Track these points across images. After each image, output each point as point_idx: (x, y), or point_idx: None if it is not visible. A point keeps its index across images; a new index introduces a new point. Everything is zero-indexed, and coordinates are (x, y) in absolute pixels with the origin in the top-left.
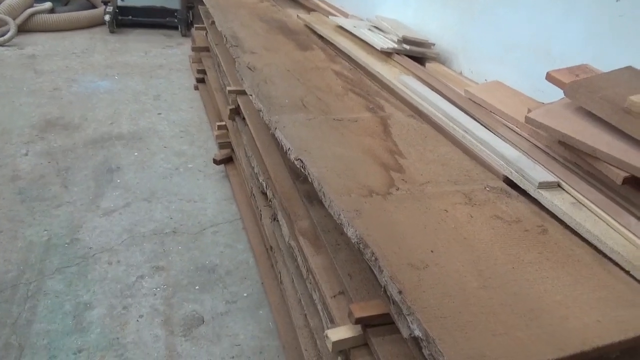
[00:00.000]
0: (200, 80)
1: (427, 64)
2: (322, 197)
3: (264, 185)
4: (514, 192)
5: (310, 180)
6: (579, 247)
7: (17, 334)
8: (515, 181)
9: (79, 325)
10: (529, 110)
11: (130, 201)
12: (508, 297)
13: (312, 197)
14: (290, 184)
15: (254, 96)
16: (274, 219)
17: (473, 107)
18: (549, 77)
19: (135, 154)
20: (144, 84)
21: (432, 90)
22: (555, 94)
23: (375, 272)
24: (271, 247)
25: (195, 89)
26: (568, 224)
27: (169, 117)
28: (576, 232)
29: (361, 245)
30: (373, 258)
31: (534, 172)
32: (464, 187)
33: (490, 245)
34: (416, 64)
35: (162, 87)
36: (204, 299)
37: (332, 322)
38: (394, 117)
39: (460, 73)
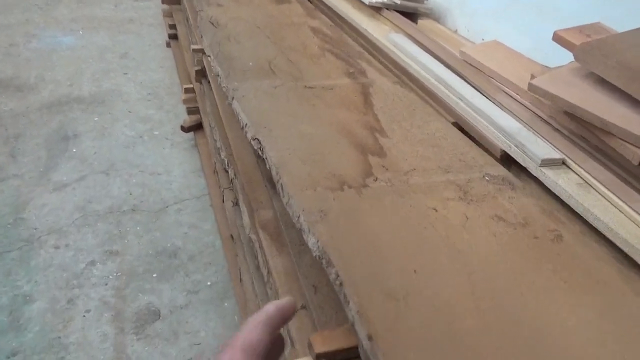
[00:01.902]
0: (173, 37)
1: (420, 21)
2: (280, 190)
3: (226, 162)
4: (518, 183)
5: (267, 166)
6: (601, 258)
7: None
8: (514, 157)
9: (15, 323)
10: (533, 76)
11: (85, 174)
12: (519, 344)
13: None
14: (253, 163)
15: (212, 57)
16: (236, 203)
17: (469, 70)
18: (557, 38)
19: (95, 119)
20: (111, 40)
21: (424, 50)
22: (563, 56)
23: (340, 299)
24: (232, 236)
25: (167, 46)
26: (574, 209)
27: (136, 78)
28: (595, 228)
29: (324, 261)
30: (338, 282)
31: (535, 147)
32: (458, 177)
33: (491, 261)
34: (407, 20)
35: (131, 44)
36: (162, 289)
37: (292, 346)
38: (377, 84)
39: (456, 31)
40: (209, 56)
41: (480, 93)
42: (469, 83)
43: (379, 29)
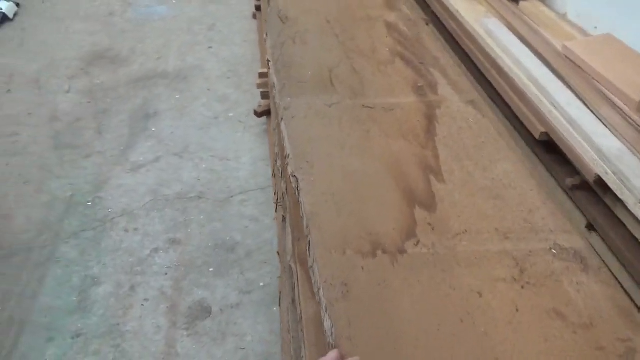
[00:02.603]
0: (259, 9)
1: (522, 3)
2: (307, 249)
3: (280, 172)
4: (594, 262)
5: (300, 213)
6: None
7: (21, 308)
8: (609, 185)
9: (82, 304)
10: None
11: (160, 155)
12: None
13: None
14: None
15: (272, 63)
16: (284, 219)
17: (570, 70)
18: None
19: (177, 97)
20: (202, 10)
21: (521, 41)
22: None
23: None
24: (278, 253)
25: (253, 18)
26: None
27: (220, 53)
28: None
29: None
30: None
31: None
32: (517, 246)
33: None
34: (507, 2)
35: (220, 15)
36: (217, 285)
37: None
38: (447, 104)
39: (564, 15)
40: (268, 61)
41: (580, 100)
42: (568, 86)
43: (473, 11)
